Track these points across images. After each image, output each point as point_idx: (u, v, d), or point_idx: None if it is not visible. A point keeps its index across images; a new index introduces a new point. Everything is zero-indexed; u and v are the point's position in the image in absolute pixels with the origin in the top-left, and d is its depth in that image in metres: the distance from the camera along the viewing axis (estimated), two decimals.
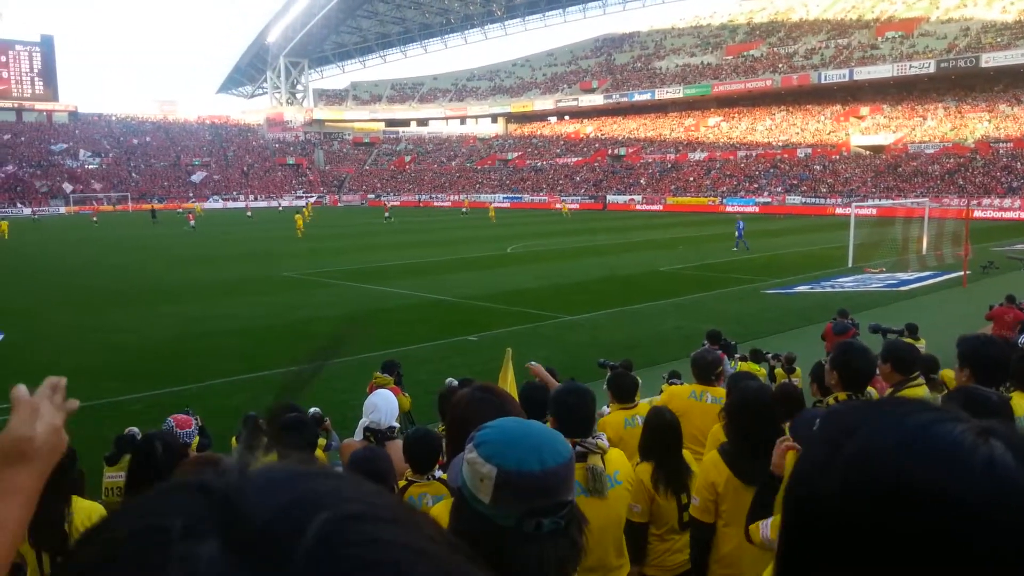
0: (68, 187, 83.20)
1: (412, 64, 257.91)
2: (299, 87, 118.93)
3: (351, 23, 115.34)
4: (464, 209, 70.69)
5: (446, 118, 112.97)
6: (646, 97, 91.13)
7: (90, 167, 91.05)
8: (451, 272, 26.46)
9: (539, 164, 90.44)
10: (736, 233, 32.92)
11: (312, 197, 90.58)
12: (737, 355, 10.68)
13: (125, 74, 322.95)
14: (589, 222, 52.99)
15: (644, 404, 6.47)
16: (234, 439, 6.98)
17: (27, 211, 71.23)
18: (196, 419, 6.42)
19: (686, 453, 4.39)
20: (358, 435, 4.45)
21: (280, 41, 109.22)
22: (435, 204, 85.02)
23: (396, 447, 4.28)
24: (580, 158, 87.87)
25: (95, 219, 53.87)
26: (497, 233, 43.32)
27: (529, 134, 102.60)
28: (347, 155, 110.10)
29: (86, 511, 3.94)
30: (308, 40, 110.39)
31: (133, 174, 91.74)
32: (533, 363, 5.95)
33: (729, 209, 63.82)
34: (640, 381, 6.80)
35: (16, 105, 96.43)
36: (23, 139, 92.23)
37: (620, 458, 3.42)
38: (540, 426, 1.59)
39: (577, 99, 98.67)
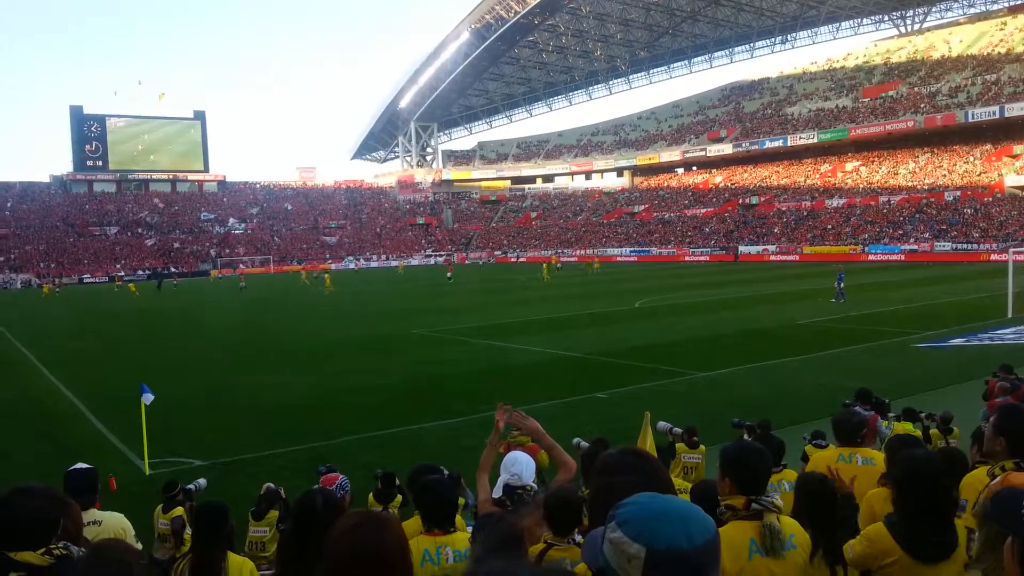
0: (213, 251, 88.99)
1: (537, 123, 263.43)
2: (429, 149, 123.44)
3: (478, 86, 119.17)
4: (591, 264, 70.41)
5: (571, 173, 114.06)
6: (778, 144, 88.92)
7: (236, 232, 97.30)
8: (579, 328, 26.22)
9: (666, 216, 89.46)
10: (836, 285, 31.19)
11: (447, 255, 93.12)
12: (891, 414, 9.86)
13: (269, 144, 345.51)
14: (719, 274, 51.64)
15: (790, 470, 6.03)
16: (371, 496, 7.12)
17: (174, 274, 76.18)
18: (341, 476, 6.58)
19: None
20: (497, 491, 4.30)
21: (410, 107, 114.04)
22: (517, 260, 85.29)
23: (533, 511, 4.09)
24: (709, 208, 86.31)
25: (242, 284, 56.95)
26: (625, 288, 42.86)
27: (656, 186, 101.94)
28: (474, 213, 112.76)
29: (238, 565, 4.22)
30: (437, 104, 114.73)
31: (275, 238, 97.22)
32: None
33: (872, 257, 60.83)
34: (785, 443, 6.34)
35: (171, 176, 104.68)
36: (176, 208, 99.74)
37: (794, 523, 3.26)
38: (680, 500, 1.49)
39: (705, 149, 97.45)
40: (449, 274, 56.34)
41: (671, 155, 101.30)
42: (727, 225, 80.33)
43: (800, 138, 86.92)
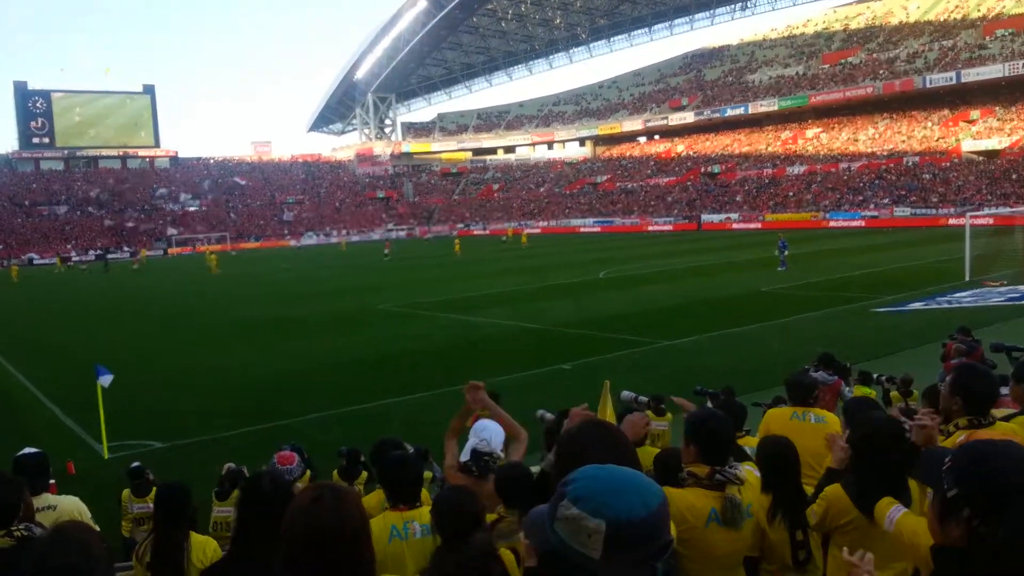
0: (172, 231, 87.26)
1: (498, 92, 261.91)
2: (387, 122, 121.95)
3: (436, 56, 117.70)
4: (504, 237, 71.03)
5: (533, 144, 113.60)
6: (739, 112, 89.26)
7: (190, 209, 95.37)
8: (542, 300, 26.21)
9: (629, 186, 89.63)
10: (779, 253, 31.59)
11: (400, 231, 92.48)
12: (853, 379, 9.98)
13: (222, 118, 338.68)
14: (683, 243, 51.98)
15: (751, 436, 6.09)
16: (335, 474, 7.10)
17: (128, 253, 74.72)
18: (302, 453, 6.72)
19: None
20: (465, 455, 4.36)
21: (367, 78, 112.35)
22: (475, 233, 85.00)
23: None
24: (672, 178, 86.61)
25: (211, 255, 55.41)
26: (589, 258, 42.94)
27: (618, 156, 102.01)
28: (435, 186, 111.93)
29: (201, 545, 4.27)
30: (395, 75, 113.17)
31: (231, 214, 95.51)
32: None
33: (833, 224, 61.59)
34: (747, 409, 6.37)
35: (121, 153, 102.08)
36: (128, 185, 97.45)
37: (754, 491, 3.35)
38: (624, 469, 1.48)
39: (667, 118, 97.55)
40: (386, 251, 55.37)
41: (633, 124, 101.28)
42: (690, 194, 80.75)
43: (761, 105, 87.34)
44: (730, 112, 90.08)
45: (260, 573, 2.34)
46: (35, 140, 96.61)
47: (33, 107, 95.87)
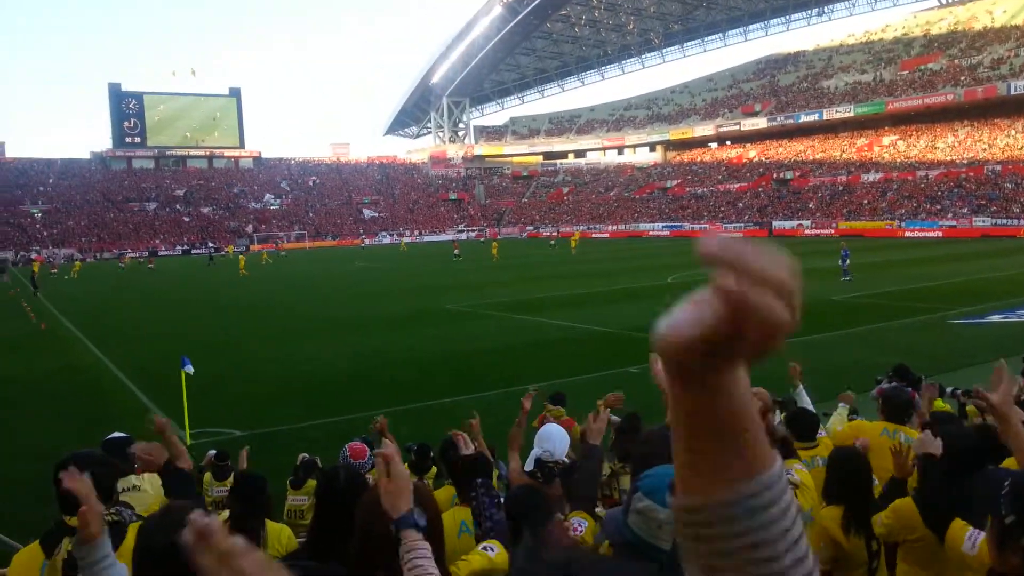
0: (250, 228, 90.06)
1: (570, 97, 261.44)
2: (461, 125, 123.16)
3: (510, 61, 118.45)
4: (552, 241, 70.68)
5: (603, 148, 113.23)
6: (813, 118, 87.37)
7: (271, 207, 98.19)
8: (611, 303, 26.19)
9: (700, 191, 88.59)
10: (841, 263, 30.60)
11: (473, 231, 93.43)
12: (928, 392, 9.78)
13: (303, 121, 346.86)
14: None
15: (826, 442, 6.01)
16: (406, 467, 7.18)
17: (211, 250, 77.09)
18: (371, 446, 6.71)
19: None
20: (529, 465, 4.42)
21: (443, 82, 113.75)
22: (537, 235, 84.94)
23: (557, 484, 4.20)
24: (743, 183, 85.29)
25: (283, 254, 56.93)
26: (659, 263, 42.65)
27: (689, 161, 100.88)
28: (506, 189, 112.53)
29: (276, 533, 4.39)
30: (469, 80, 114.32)
31: (310, 213, 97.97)
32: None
33: (908, 233, 59.77)
34: (820, 418, 6.36)
35: (208, 153, 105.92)
36: (213, 183, 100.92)
37: (810, 494, 3.39)
38: None
39: (739, 123, 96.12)
40: (456, 252, 55.67)
41: (704, 129, 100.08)
42: (761, 200, 79.36)
43: (836, 112, 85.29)
44: (804, 118, 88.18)
45: (336, 563, 2.36)
46: (128, 139, 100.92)
47: (126, 108, 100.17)
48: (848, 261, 30.56)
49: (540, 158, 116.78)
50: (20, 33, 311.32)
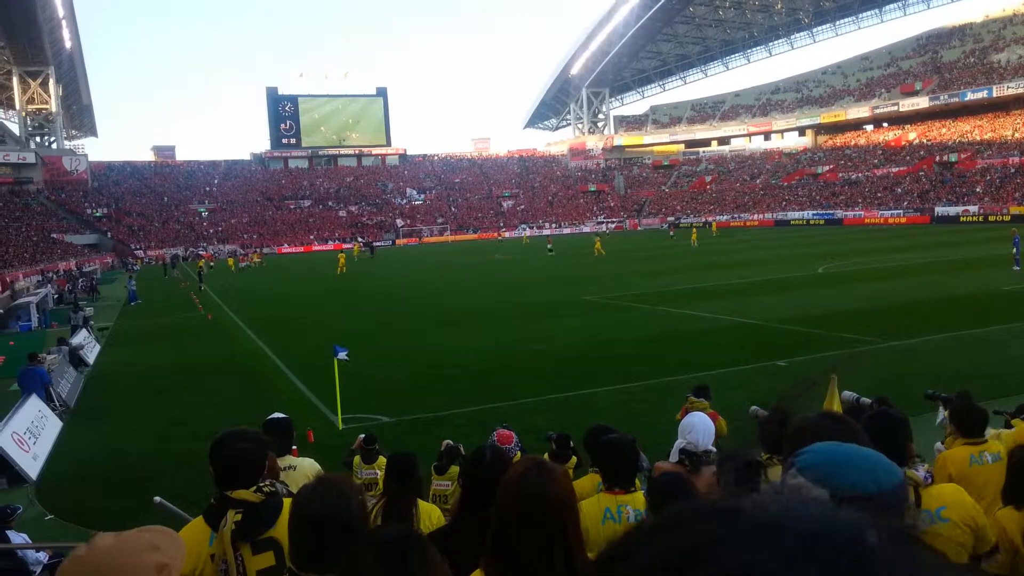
0: (400, 222, 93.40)
1: (713, 83, 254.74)
2: (600, 115, 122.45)
3: (650, 48, 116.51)
4: (671, 232, 69.31)
5: (749, 134, 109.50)
6: (981, 95, 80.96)
7: (415, 203, 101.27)
8: (757, 294, 25.33)
9: (854, 177, 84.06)
10: (1013, 251, 27.95)
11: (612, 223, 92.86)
12: None
13: (445, 117, 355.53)
14: (913, 237, 48.09)
15: (994, 441, 5.59)
16: (545, 456, 7.24)
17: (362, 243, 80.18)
18: (515, 436, 6.82)
19: None
20: (673, 457, 4.35)
21: (582, 73, 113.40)
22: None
23: (710, 472, 4.11)
24: (902, 167, 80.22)
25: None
26: (806, 252, 40.89)
27: (841, 145, 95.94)
28: (646, 179, 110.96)
29: (427, 511, 4.55)
30: (608, 69, 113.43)
31: (452, 207, 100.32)
32: None
33: None
34: (988, 414, 5.90)
35: (357, 152, 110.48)
36: (362, 181, 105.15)
37: (955, 496, 3.17)
38: (866, 448, 1.40)
39: (897, 104, 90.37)
40: (549, 246, 55.54)
41: (859, 111, 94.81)
42: (922, 184, 74.39)
43: (1008, 88, 78.61)
44: (971, 96, 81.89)
45: (479, 538, 2.47)
46: (284, 140, 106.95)
47: (282, 111, 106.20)
48: (1020, 249, 28.12)
49: (682, 146, 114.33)
50: (188, 42, 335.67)
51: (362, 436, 7.98)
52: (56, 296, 37.22)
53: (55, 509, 9.77)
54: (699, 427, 4.49)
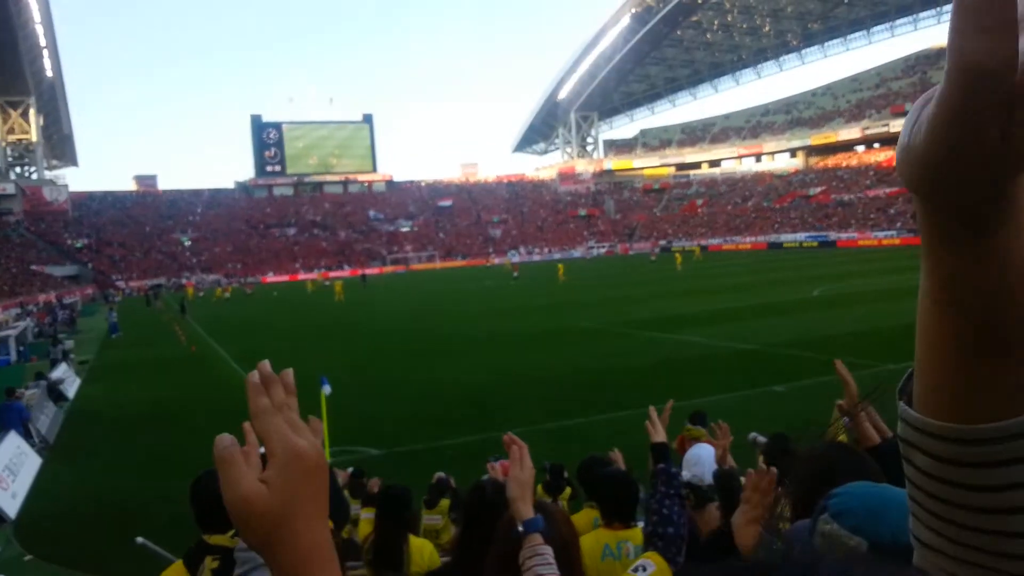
0: (384, 250, 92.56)
1: (702, 106, 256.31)
2: (589, 139, 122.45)
3: (639, 72, 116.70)
4: (652, 258, 69.76)
5: (739, 156, 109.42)
6: None
7: (403, 229, 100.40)
8: (752, 318, 24.45)
9: (846, 198, 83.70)
10: None
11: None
12: None
13: (432, 143, 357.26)
14: (908, 259, 47.36)
15: None
16: (540, 487, 6.94)
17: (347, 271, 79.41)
18: None
19: None
20: None
21: (570, 97, 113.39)
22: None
23: (714, 507, 4.10)
24: (895, 188, 79.87)
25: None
26: (800, 276, 40.15)
27: (833, 166, 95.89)
28: (637, 203, 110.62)
29: (419, 547, 4.48)
30: (597, 93, 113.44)
31: (440, 234, 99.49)
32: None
33: None
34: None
35: (343, 178, 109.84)
36: (348, 208, 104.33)
37: None
38: (898, 489, 1.33)
39: (888, 124, 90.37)
40: (515, 274, 55.57)
41: (850, 132, 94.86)
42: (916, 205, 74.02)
43: None
44: None
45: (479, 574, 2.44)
46: (268, 168, 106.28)
47: (267, 138, 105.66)
48: None
49: (672, 170, 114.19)
50: (169, 71, 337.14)
51: (350, 470, 8.00)
52: (36, 330, 36.29)
53: (34, 549, 9.46)
54: (706, 460, 4.52)
